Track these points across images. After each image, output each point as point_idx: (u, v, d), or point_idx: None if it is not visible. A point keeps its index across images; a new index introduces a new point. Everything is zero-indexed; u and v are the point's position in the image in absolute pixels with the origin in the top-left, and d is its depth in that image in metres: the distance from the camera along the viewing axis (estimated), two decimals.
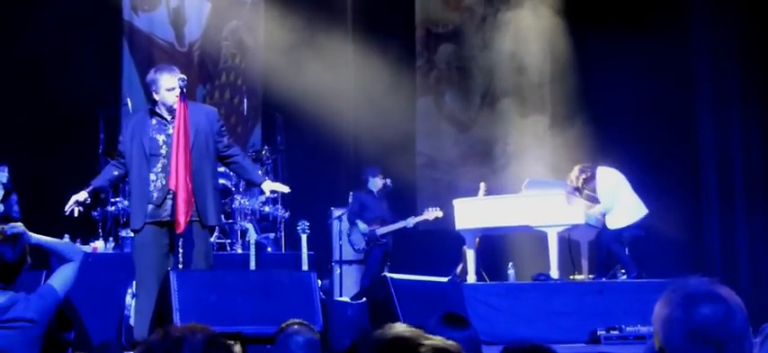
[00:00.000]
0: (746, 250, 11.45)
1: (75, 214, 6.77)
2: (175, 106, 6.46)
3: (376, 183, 11.15)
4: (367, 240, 11.04)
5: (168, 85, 6.51)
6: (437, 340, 1.28)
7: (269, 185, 7.10)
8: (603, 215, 10.16)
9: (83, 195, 6.70)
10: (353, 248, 11.33)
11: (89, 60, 11.88)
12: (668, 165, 11.65)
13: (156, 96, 6.59)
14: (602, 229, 10.21)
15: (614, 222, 10.08)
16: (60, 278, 5.20)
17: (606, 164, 10.42)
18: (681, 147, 11.95)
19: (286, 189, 7.28)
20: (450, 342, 1.29)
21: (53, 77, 11.30)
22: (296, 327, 4.19)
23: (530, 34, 13.05)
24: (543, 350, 2.56)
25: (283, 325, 4.23)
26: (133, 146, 6.57)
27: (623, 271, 10.01)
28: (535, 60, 13.20)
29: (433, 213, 11.01)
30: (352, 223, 11.21)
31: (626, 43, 11.65)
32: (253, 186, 9.06)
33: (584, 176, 10.25)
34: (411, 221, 11.09)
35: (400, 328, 1.32)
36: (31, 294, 5.13)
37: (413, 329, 1.31)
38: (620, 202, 10.07)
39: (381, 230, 11.00)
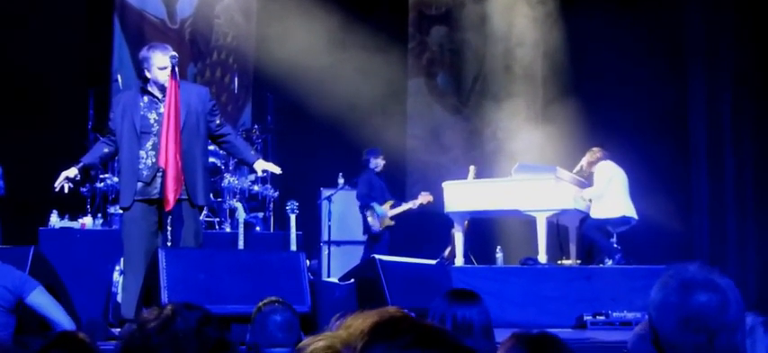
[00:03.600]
0: (735, 238, 11.49)
1: (65, 190, 6.75)
2: (167, 84, 6.45)
3: (378, 163, 11.14)
4: (380, 222, 11.03)
5: (161, 63, 6.49)
6: (426, 323, 1.29)
7: (261, 165, 7.09)
8: (590, 203, 10.22)
9: (72, 172, 6.68)
10: (371, 232, 11.17)
11: (79, 36, 11.83)
12: (659, 151, 11.67)
13: (147, 74, 6.56)
14: (586, 217, 10.27)
15: (598, 212, 10.12)
16: (41, 300, 5.32)
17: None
18: (672, 133, 11.98)
19: (278, 170, 7.26)
20: (437, 326, 1.29)
21: (43, 53, 11.25)
22: (274, 305, 4.17)
23: (522, 18, 13.05)
24: (553, 339, 2.56)
25: (260, 304, 4.21)
26: (124, 124, 6.55)
27: (609, 261, 10.03)
28: (527, 44, 13.21)
29: (425, 197, 10.99)
30: (367, 206, 11.09)
31: (619, 29, 11.67)
32: (245, 166, 9.05)
33: (597, 156, 10.27)
34: (414, 204, 11.08)
35: (391, 309, 1.32)
36: (5, 265, 5.27)
37: (401, 310, 1.32)
38: (610, 193, 10.11)
39: (391, 213, 11.00)
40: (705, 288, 2.23)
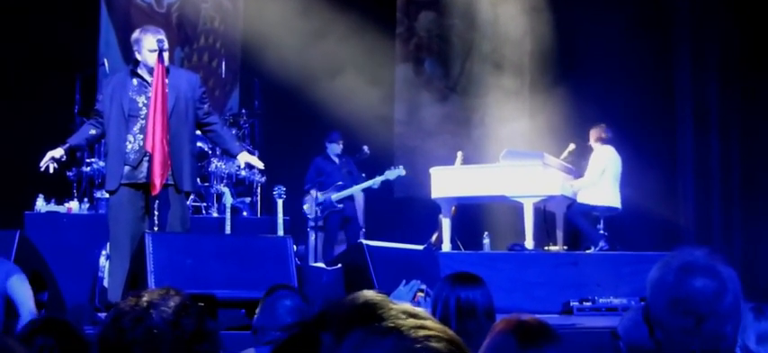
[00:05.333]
0: (720, 225, 11.53)
1: (51, 170, 6.72)
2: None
3: (334, 148, 11.08)
4: (322, 208, 10.95)
5: (151, 46, 6.47)
6: (405, 306, 1.29)
7: (245, 157, 7.08)
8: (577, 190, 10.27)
9: (59, 152, 6.65)
10: (306, 217, 11.21)
11: (66, 19, 11.75)
12: (645, 139, 11.69)
13: (138, 56, 6.55)
14: (572, 202, 10.29)
15: (585, 198, 10.16)
16: (20, 290, 5.26)
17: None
18: (658, 121, 12.00)
19: (261, 165, 7.30)
20: (418, 309, 1.29)
21: (29, 36, 11.19)
22: (284, 290, 4.17)
23: (510, 4, 13.04)
24: (540, 324, 2.56)
25: (272, 288, 4.21)
26: (112, 106, 6.54)
27: (593, 247, 10.06)
28: (515, 31, 13.20)
29: (394, 173, 10.87)
30: (307, 192, 11.12)
31: (607, 14, 11.67)
32: (229, 156, 9.04)
33: (603, 135, 10.30)
34: (377, 181, 10.92)
35: (368, 294, 1.32)
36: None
37: (380, 294, 1.32)
38: (600, 182, 10.14)
39: (336, 196, 10.90)
40: (703, 274, 2.24)
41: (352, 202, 11.07)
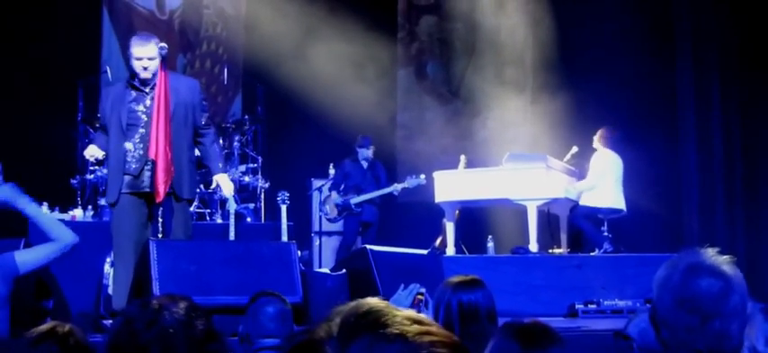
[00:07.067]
0: (724, 226, 11.51)
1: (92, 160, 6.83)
2: (143, 76, 6.43)
3: (364, 153, 11.11)
4: (340, 210, 11.01)
5: (135, 54, 6.45)
6: (409, 312, 1.30)
7: (220, 178, 6.98)
8: (580, 193, 10.26)
9: (101, 154, 6.71)
10: (325, 218, 11.33)
11: (68, 27, 11.77)
12: (648, 140, 11.68)
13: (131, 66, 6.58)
14: (575, 205, 10.29)
15: (589, 200, 10.16)
16: (28, 256, 5.24)
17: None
18: (661, 122, 11.99)
19: (230, 194, 7.31)
20: (421, 315, 1.30)
21: (32, 44, 11.20)
22: (267, 297, 4.20)
23: (512, 6, 13.04)
24: (543, 328, 2.56)
25: (255, 296, 4.24)
26: (112, 118, 6.54)
27: (597, 250, 10.05)
28: (518, 33, 13.20)
29: (414, 181, 10.87)
30: (330, 192, 11.19)
31: (609, 17, 11.67)
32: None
33: (604, 140, 10.30)
34: (396, 187, 10.95)
35: (372, 300, 1.33)
36: None
37: (384, 300, 1.32)
38: (603, 185, 10.14)
39: (355, 200, 10.94)
40: (709, 274, 2.25)
41: (374, 206, 11.06)
